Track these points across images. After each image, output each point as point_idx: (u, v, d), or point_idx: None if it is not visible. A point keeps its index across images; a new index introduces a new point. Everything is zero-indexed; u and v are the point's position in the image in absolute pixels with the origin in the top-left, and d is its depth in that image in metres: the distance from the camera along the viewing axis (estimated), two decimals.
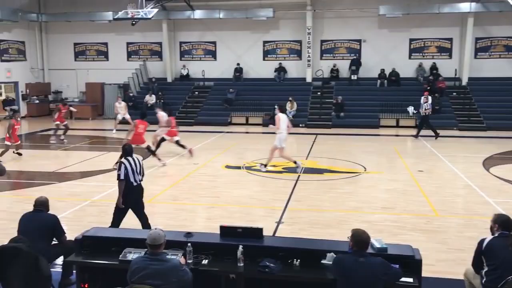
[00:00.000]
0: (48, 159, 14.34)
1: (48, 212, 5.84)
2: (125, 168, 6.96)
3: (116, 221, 7.10)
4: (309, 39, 24.15)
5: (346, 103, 22.26)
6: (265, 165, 12.43)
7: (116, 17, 22.45)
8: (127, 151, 7.23)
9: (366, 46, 24.43)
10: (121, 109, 20.37)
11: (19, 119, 15.18)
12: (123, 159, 7.13)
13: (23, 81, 26.01)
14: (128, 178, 6.97)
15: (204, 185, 11.14)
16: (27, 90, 26.11)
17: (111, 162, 13.54)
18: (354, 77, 23.89)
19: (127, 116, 20.16)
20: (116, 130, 19.93)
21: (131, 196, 7.05)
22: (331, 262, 4.55)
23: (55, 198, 8.86)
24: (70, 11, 25.11)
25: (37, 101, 26.20)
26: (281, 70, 24.86)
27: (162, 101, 23.82)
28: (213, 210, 9.29)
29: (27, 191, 10.55)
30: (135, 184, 7.04)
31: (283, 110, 12.65)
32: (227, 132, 20.38)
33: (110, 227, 6.93)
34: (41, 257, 4.95)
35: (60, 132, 17.38)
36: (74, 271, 5.50)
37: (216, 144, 17.38)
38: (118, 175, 6.97)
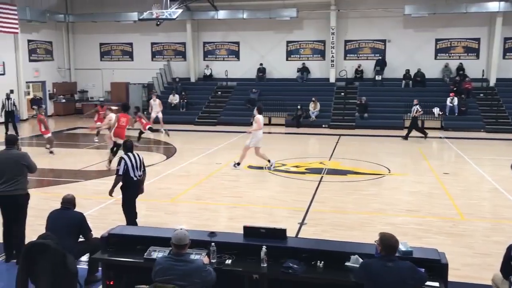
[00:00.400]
0: (74, 157, 14.59)
1: (75, 210, 5.95)
2: (125, 163, 7.17)
3: (131, 217, 7.33)
4: (333, 39, 24.02)
5: (370, 103, 22.05)
6: (270, 163, 12.65)
7: (141, 17, 22.73)
8: (127, 147, 7.43)
9: (391, 46, 24.16)
10: (156, 107, 19.85)
11: (43, 112, 15.76)
12: (123, 155, 7.33)
13: (50, 80, 26.59)
14: (128, 173, 7.19)
15: (227, 185, 11.19)
16: (54, 90, 26.66)
17: None
18: (378, 77, 23.66)
19: (160, 115, 19.71)
20: (164, 130, 19.68)
21: (132, 190, 7.33)
22: (355, 265, 4.52)
23: (81, 196, 8.99)
24: (96, 12, 25.56)
25: (64, 100, 26.72)
26: (304, 70, 24.78)
27: (185, 100, 24.05)
28: (236, 210, 9.31)
29: (53, 189, 10.77)
30: (135, 179, 7.29)
31: (261, 111, 12.95)
32: (250, 132, 20.35)
33: (127, 224, 7.14)
34: (68, 253, 5.04)
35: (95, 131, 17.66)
36: (100, 268, 5.58)
37: (239, 144, 17.32)
38: (117, 170, 7.22)
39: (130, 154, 7.30)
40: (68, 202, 5.88)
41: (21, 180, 6.37)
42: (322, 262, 4.69)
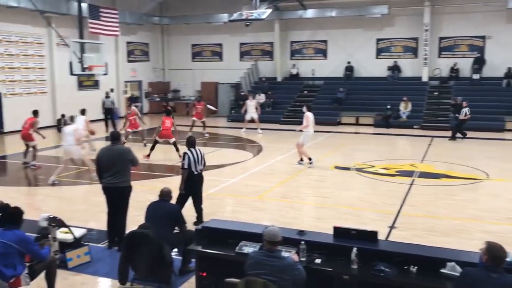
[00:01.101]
0: (166, 153, 15.27)
1: (171, 202, 6.27)
2: (189, 158, 7.68)
3: (181, 203, 7.77)
4: (426, 36, 22.99)
5: None
6: (310, 160, 12.81)
7: (231, 18, 23.28)
8: (191, 143, 7.92)
9: (490, 43, 22.59)
10: (251, 107, 19.96)
11: (129, 111, 16.76)
12: (187, 150, 7.83)
13: (146, 80, 28.19)
14: (190, 167, 7.66)
15: (313, 185, 11.16)
16: (150, 89, 28.23)
17: (224, 158, 14.16)
18: (476, 76, 22.24)
19: (255, 116, 19.82)
20: (246, 128, 20.02)
21: (191, 183, 7.75)
22: (452, 272, 4.30)
23: (173, 190, 9.43)
24: (188, 14, 26.67)
25: (158, 99, 28.19)
26: (395, 68, 23.97)
27: (271, 100, 24.30)
28: (322, 210, 9.26)
29: (149, 182, 11.39)
30: (195, 173, 7.76)
31: (310, 109, 13.03)
32: (336, 132, 20.13)
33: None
34: (164, 243, 5.33)
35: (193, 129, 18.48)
36: (193, 260, 5.81)
37: (325, 144, 17.26)
38: (183, 164, 7.74)
39: (192, 149, 7.82)
40: (166, 195, 6.22)
41: (125, 173, 6.88)
42: (416, 267, 4.53)
